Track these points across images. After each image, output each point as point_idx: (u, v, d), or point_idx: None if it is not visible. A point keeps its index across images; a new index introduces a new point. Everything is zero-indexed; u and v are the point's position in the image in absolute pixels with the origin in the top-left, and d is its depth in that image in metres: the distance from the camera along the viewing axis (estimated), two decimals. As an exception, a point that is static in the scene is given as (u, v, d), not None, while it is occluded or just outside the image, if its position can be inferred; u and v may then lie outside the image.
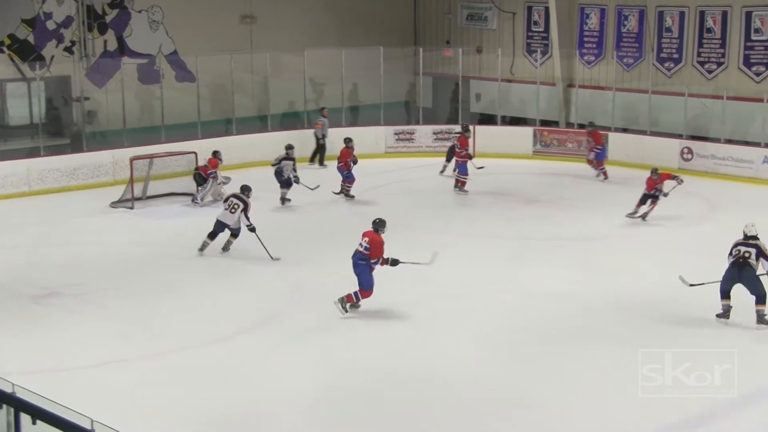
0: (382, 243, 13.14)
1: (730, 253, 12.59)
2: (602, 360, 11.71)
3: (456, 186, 21.43)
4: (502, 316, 13.38)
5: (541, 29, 27.24)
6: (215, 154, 20.35)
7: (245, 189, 16.45)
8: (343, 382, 11.29)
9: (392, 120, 26.38)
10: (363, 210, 19.43)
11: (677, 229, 18.02)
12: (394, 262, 13.27)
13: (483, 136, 24.95)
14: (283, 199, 20.13)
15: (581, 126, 25.41)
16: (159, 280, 15.28)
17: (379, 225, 13.32)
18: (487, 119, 26.95)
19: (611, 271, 15.51)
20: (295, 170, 20.49)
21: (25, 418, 5.27)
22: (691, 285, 13.10)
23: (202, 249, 16.35)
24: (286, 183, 20.17)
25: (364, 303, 13.31)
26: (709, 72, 24.31)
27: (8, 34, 22.73)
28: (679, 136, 23.70)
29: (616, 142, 24.31)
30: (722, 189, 21.56)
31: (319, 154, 24.39)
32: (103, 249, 17.10)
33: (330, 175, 21.47)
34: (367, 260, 13.08)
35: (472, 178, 21.21)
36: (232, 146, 23.03)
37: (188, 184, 20.69)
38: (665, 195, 18.26)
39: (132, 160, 20.17)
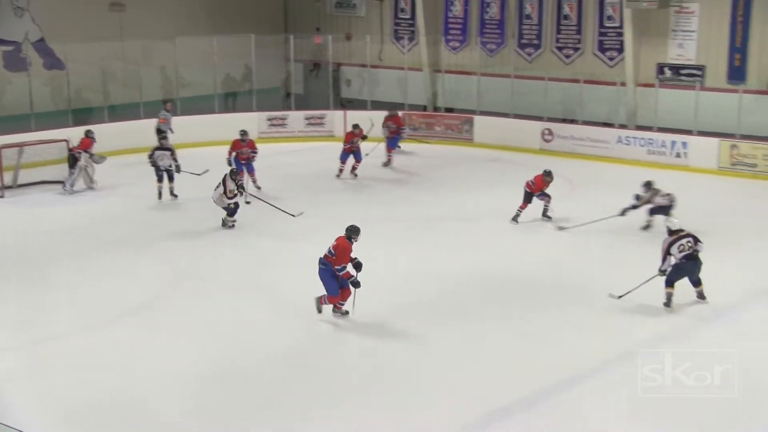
0: (348, 250, 11.99)
1: (676, 251, 12.50)
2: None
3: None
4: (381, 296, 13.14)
5: (408, 16, 27.12)
6: (87, 133, 19.52)
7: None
8: (222, 366, 10.95)
9: (266, 106, 25.85)
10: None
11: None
12: (358, 266, 12.00)
13: (354, 120, 24.63)
14: (172, 194, 18.95)
15: (448, 110, 25.46)
16: (34, 269, 14.56)
17: (351, 232, 12.12)
18: (358, 104, 26.70)
19: (476, 248, 15.59)
20: (175, 159, 19.01)
21: None
22: (620, 297, 12.80)
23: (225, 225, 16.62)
24: (167, 175, 18.82)
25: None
26: (567, 57, 24.68)
27: None
28: (540, 119, 23.97)
29: (481, 126, 24.51)
30: (582, 168, 21.89)
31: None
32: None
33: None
34: (328, 266, 11.99)
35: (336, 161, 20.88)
36: (107, 132, 22.11)
37: (61, 171, 19.77)
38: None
39: (0, 148, 19.14)
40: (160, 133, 21.66)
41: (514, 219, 17.02)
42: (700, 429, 9.49)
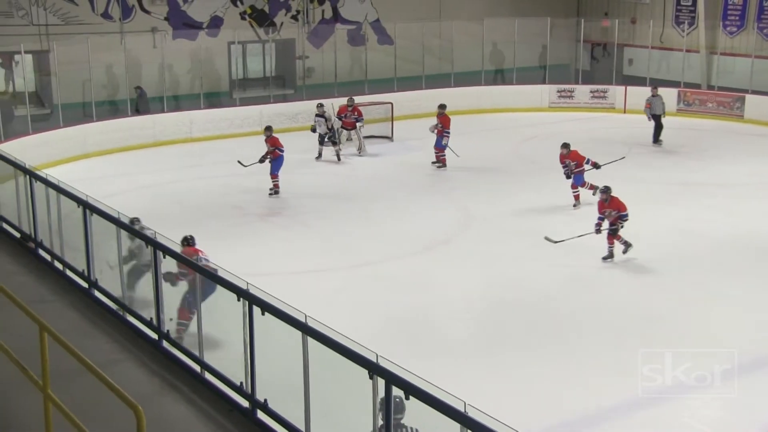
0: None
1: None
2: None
3: (436, 162, 18.54)
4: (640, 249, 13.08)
5: (689, 3, 25.75)
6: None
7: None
8: (503, 296, 11.45)
9: (555, 79, 25.80)
10: (528, 154, 19.42)
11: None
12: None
13: (633, 95, 24.10)
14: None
15: (721, 88, 24.09)
16: (355, 207, 15.68)
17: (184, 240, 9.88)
18: (638, 81, 25.90)
19: (737, 213, 14.93)
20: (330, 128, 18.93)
21: (256, 310, 5.66)
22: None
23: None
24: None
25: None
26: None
27: (249, 5, 23.53)
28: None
29: (752, 103, 22.98)
30: None
31: None
32: (314, 179, 17.74)
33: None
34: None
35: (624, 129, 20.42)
36: (421, 98, 23.24)
37: (384, 128, 21.07)
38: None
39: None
40: None
41: None
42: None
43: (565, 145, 15.30)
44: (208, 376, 6.22)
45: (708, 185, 16.99)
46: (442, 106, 18.66)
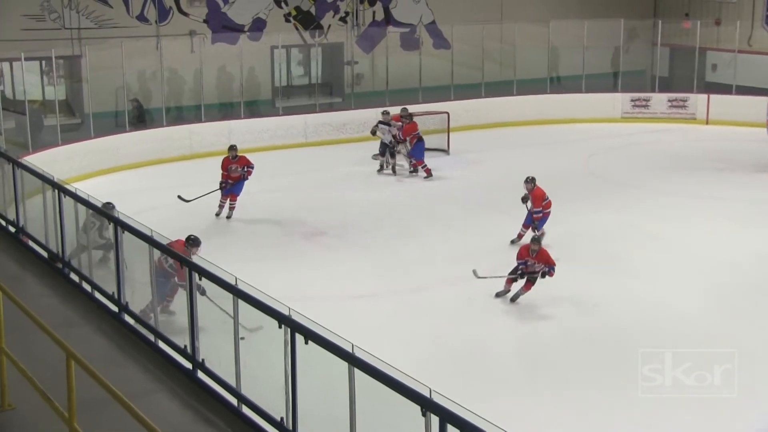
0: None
1: None
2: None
3: (414, 171, 18.97)
4: (727, 274, 12.90)
5: (782, 1, 25.39)
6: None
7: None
8: (573, 327, 11.32)
9: (630, 87, 25.54)
10: (598, 170, 19.24)
11: None
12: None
13: (718, 104, 23.78)
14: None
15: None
16: (409, 226, 15.68)
17: (190, 243, 10.57)
18: (723, 88, 25.52)
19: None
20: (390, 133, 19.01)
21: (299, 338, 5.67)
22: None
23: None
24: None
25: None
26: None
27: (294, 6, 23.78)
28: None
29: None
30: None
31: None
32: (363, 195, 17.79)
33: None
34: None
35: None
36: (481, 107, 23.22)
37: (440, 140, 21.07)
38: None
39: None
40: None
41: None
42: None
43: (531, 180, 14.38)
44: (245, 410, 6.24)
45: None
46: (405, 110, 19.20)
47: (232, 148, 16.18)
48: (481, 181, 18.69)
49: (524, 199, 14.29)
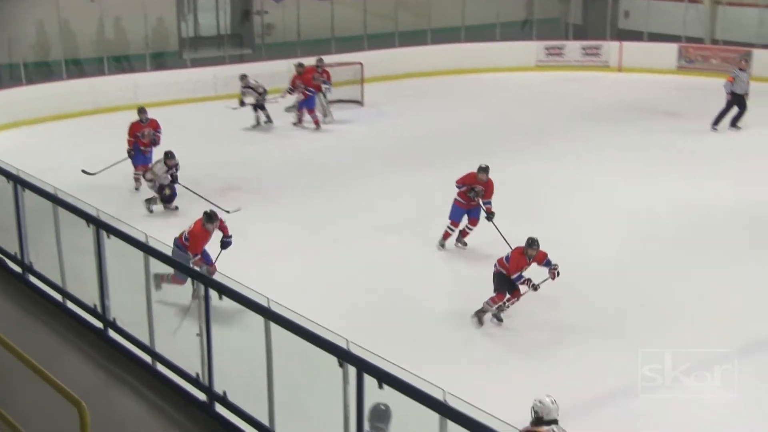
0: (201, 238, 10.23)
1: None
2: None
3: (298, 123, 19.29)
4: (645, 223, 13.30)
5: (691, -52, 25.88)
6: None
7: None
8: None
9: (544, 35, 25.85)
10: (514, 117, 19.53)
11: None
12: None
13: (630, 51, 24.30)
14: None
15: (726, 42, 24.25)
16: (325, 180, 15.67)
17: (207, 218, 10.29)
18: (634, 35, 26.02)
19: (742, 183, 15.15)
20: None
21: (212, 293, 5.68)
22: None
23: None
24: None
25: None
26: None
27: (199, -47, 23.29)
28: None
29: (763, 59, 23.05)
30: None
31: None
32: (275, 150, 17.72)
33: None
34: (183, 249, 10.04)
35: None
36: (395, 58, 23.20)
37: (354, 92, 21.04)
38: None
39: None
40: None
41: None
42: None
43: (483, 169, 12.27)
44: (159, 367, 6.25)
45: (712, 152, 17.17)
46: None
47: (142, 110, 14.93)
48: (397, 133, 18.77)
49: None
